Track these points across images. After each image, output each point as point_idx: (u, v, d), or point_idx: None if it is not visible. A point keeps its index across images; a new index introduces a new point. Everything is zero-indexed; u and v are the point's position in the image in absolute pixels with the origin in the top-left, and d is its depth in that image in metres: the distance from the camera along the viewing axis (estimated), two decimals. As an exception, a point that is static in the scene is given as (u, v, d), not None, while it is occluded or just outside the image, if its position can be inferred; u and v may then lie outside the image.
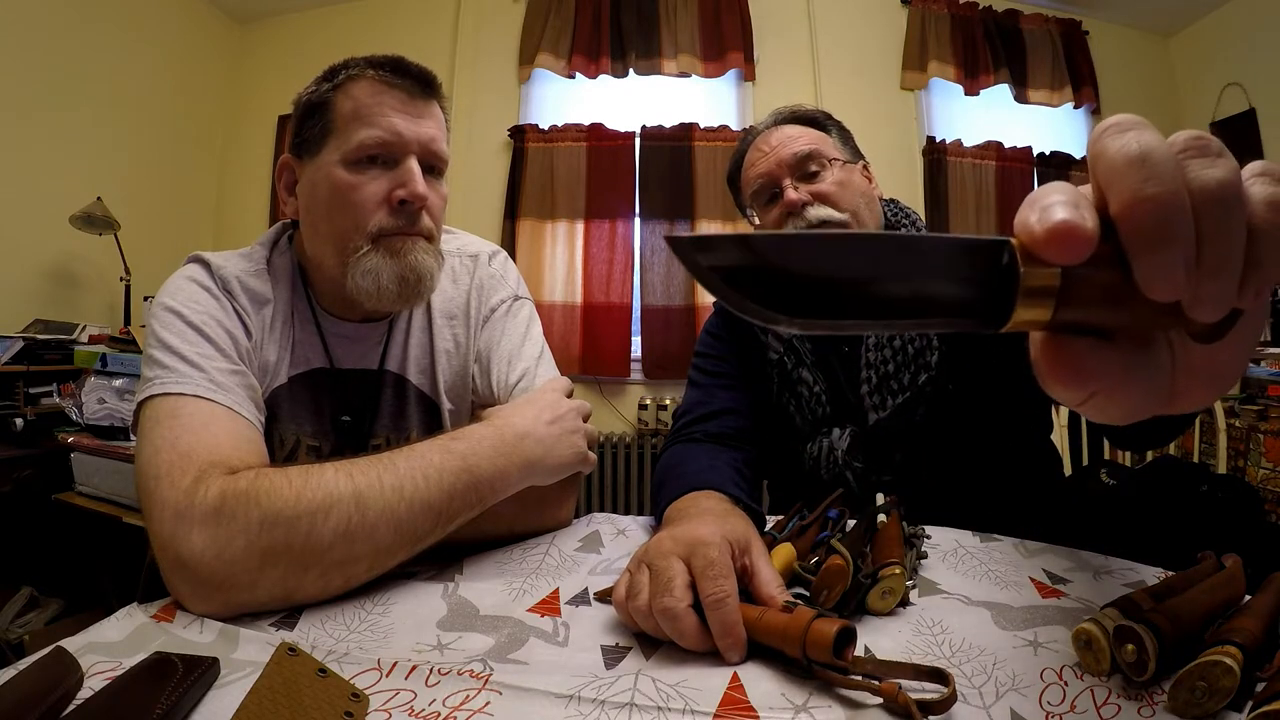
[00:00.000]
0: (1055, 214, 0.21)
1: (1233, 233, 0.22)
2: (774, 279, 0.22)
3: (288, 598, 0.52)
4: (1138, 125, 0.23)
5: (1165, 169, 0.21)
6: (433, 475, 0.57)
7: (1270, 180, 0.23)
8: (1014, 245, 0.22)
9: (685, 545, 0.48)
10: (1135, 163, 0.22)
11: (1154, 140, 0.22)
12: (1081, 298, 0.22)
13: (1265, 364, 1.95)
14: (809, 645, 0.39)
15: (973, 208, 2.87)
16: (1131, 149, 0.22)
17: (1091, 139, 0.24)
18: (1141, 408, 0.25)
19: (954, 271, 0.22)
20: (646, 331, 2.75)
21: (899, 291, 0.22)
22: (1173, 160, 0.22)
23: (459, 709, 0.38)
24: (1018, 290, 0.22)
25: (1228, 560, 0.48)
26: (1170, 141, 0.23)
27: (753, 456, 0.84)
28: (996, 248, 0.22)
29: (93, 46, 2.46)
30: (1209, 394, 0.25)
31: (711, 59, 2.84)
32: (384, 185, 0.69)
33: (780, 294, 0.22)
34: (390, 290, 0.70)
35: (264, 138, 3.04)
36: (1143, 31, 3.12)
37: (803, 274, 0.22)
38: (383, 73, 0.69)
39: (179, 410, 0.59)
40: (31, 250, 2.30)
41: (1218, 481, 0.81)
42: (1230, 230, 0.21)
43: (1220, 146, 0.23)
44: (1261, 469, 1.80)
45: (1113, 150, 0.22)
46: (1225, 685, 0.34)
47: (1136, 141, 0.22)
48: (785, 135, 0.89)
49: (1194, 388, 0.25)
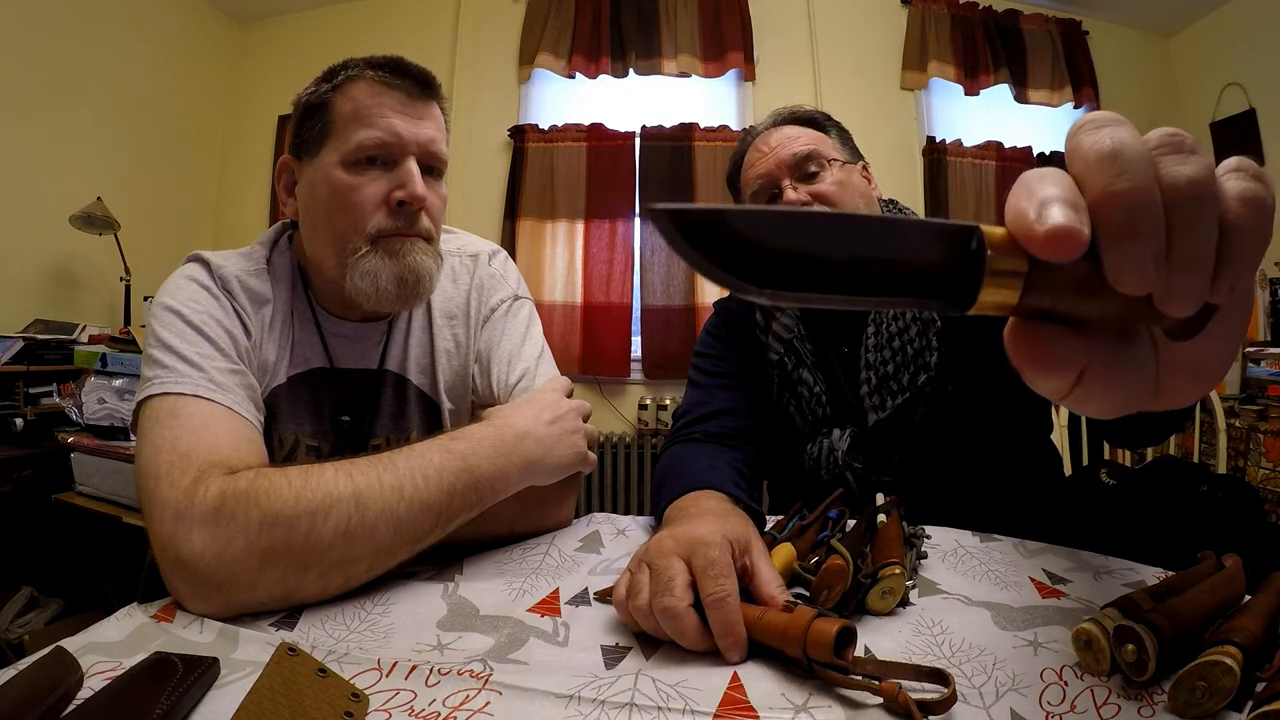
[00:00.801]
0: (1054, 216, 0.21)
1: (1203, 228, 0.22)
2: (747, 251, 0.22)
3: (288, 598, 0.52)
4: (1113, 122, 0.23)
5: (1137, 165, 0.22)
6: (432, 475, 0.57)
7: (1244, 175, 0.23)
8: (982, 232, 0.23)
9: (686, 545, 0.48)
10: (1107, 158, 0.22)
11: (1128, 136, 0.22)
12: (1049, 285, 0.23)
13: (1265, 364, 1.95)
14: (809, 644, 0.39)
15: (973, 208, 2.86)
16: (1104, 145, 0.22)
17: (1069, 135, 0.24)
18: (1126, 402, 0.25)
19: (923, 251, 0.23)
20: (646, 331, 2.75)
21: (868, 269, 0.23)
22: (1145, 156, 0.22)
23: (459, 709, 0.38)
24: (984, 272, 0.22)
25: (1228, 560, 0.48)
26: (1145, 139, 0.23)
27: (753, 456, 0.85)
28: (965, 232, 0.23)
29: (93, 46, 2.46)
30: (1194, 391, 0.25)
31: (711, 59, 2.84)
32: (383, 186, 0.69)
33: (753, 265, 0.23)
34: (389, 291, 0.70)
35: (264, 138, 3.04)
36: (1143, 31, 3.12)
37: (774, 249, 0.22)
38: (382, 73, 0.69)
39: (179, 410, 0.59)
40: (31, 250, 2.30)
41: (1218, 481, 0.81)
42: (1200, 225, 0.22)
43: (1194, 144, 0.23)
44: (1261, 469, 1.80)
45: (1086, 145, 0.23)
46: (1225, 685, 0.34)
47: (1110, 138, 0.22)
48: (784, 136, 0.89)
49: (1178, 384, 0.25)
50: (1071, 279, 0.23)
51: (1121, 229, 0.22)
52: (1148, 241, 0.21)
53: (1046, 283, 0.23)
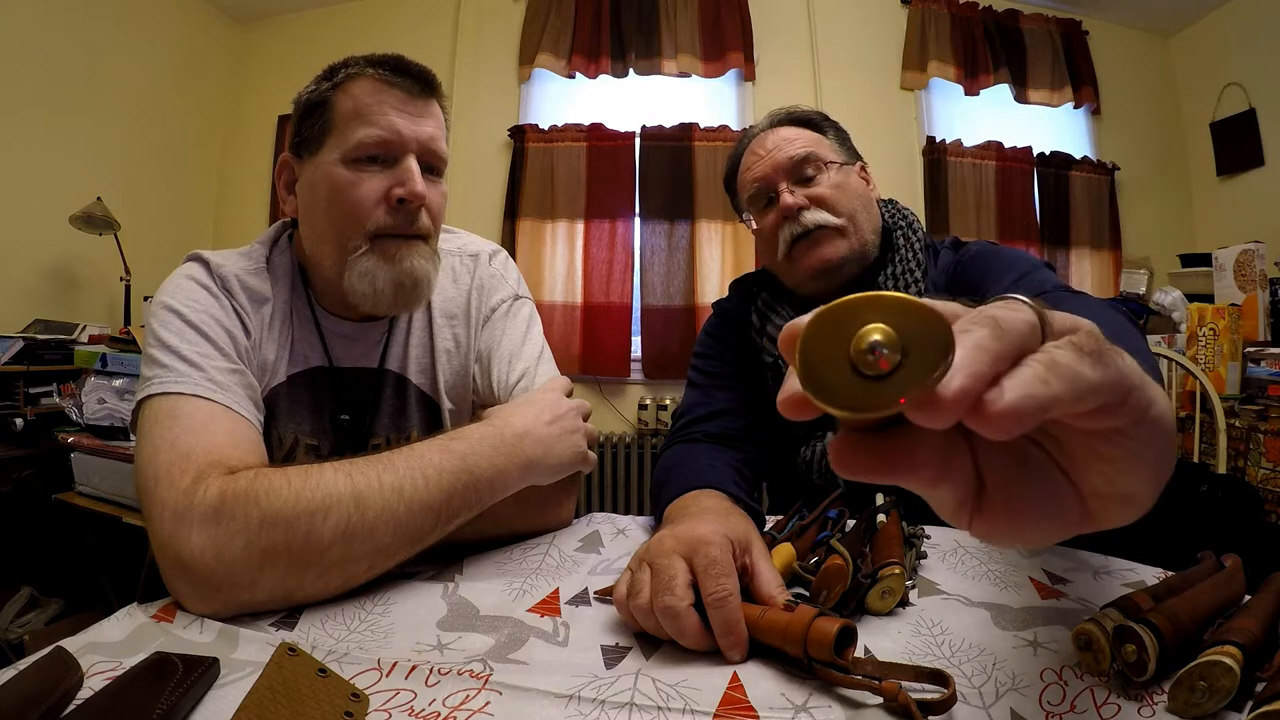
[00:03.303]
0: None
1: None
2: None
3: (287, 598, 0.52)
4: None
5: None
6: (432, 475, 0.57)
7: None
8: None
9: (687, 544, 0.48)
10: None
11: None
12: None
13: (1265, 364, 1.95)
14: (810, 644, 0.39)
15: (972, 208, 2.86)
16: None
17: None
18: (1051, 527, 0.25)
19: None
20: (646, 331, 2.74)
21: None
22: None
23: (459, 709, 0.38)
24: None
25: (1228, 560, 0.48)
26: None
27: (752, 456, 0.84)
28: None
29: (93, 46, 2.46)
30: (1124, 514, 0.25)
31: (711, 59, 2.83)
32: (382, 184, 0.69)
33: None
34: (386, 295, 0.70)
35: (264, 138, 3.04)
36: (1143, 31, 3.12)
37: None
38: (382, 71, 0.69)
39: (178, 410, 0.59)
40: (31, 250, 2.30)
41: (1218, 481, 0.81)
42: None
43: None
44: (1261, 469, 1.80)
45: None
46: (1225, 685, 0.34)
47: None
48: (781, 138, 0.88)
49: (1107, 508, 0.25)
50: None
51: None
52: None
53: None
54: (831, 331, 0.21)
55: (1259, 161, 2.70)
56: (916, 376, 0.19)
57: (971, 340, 0.20)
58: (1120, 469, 0.24)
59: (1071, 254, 2.94)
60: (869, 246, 0.87)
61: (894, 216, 0.93)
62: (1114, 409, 0.22)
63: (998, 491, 0.24)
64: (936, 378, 0.19)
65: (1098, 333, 0.23)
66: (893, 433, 0.22)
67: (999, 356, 0.21)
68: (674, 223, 2.76)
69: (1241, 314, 2.06)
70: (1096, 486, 0.25)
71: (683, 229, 2.76)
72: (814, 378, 0.21)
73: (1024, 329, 0.22)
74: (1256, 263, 2.17)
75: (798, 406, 0.22)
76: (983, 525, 0.24)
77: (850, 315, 0.21)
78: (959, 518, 0.24)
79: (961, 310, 0.23)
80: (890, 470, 0.22)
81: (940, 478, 0.23)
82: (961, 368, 0.20)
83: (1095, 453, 0.24)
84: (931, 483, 0.23)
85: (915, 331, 0.20)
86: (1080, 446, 0.24)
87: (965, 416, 0.20)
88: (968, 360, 0.20)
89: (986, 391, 0.20)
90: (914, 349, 0.20)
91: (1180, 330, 2.34)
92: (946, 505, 0.24)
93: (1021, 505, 0.24)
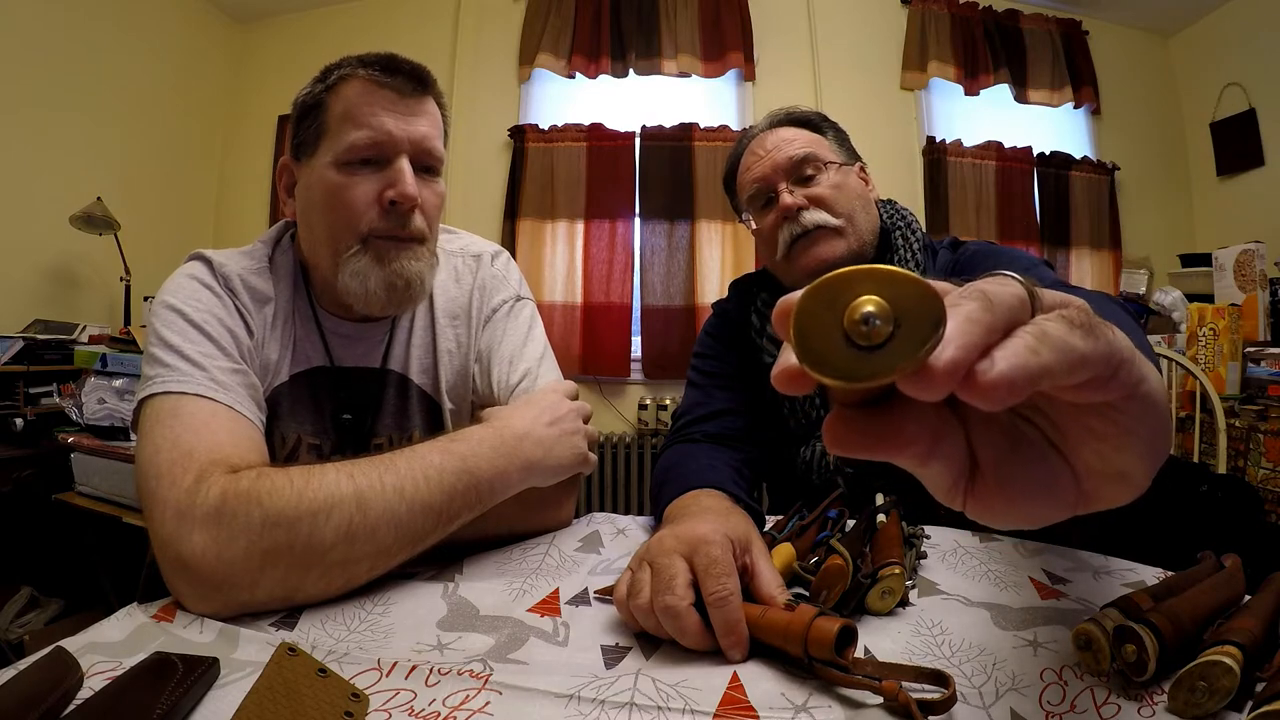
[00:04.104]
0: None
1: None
2: None
3: (288, 598, 0.52)
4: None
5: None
6: (433, 476, 0.57)
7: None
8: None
9: (687, 543, 0.48)
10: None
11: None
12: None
13: (1265, 364, 1.95)
14: (811, 643, 0.39)
15: (972, 208, 2.87)
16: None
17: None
18: (1045, 507, 0.25)
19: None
20: (646, 331, 2.75)
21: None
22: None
23: (459, 709, 0.38)
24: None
25: (1228, 560, 0.48)
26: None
27: (752, 456, 0.84)
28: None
29: (93, 46, 2.46)
30: (1119, 493, 0.25)
31: (711, 59, 2.83)
32: (375, 186, 0.69)
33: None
34: (378, 295, 0.70)
35: (264, 138, 3.04)
36: (1142, 31, 3.12)
37: None
38: (373, 72, 0.69)
39: (180, 409, 0.59)
40: (31, 250, 2.30)
41: (1218, 481, 0.81)
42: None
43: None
44: (1261, 469, 1.80)
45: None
46: (1225, 685, 0.34)
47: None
48: (780, 138, 0.88)
49: (1102, 488, 0.25)
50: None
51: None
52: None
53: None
54: (826, 303, 0.21)
55: (1259, 161, 2.70)
56: (909, 348, 0.20)
57: (962, 313, 0.21)
58: (1114, 446, 0.24)
59: (1071, 254, 2.94)
60: (867, 247, 0.87)
61: (892, 217, 0.93)
62: (1105, 382, 0.22)
63: (991, 470, 0.24)
64: (929, 349, 0.19)
65: (1087, 308, 0.23)
66: (884, 408, 0.22)
67: (990, 328, 0.21)
68: (674, 223, 2.76)
69: (1241, 314, 2.06)
70: (1091, 464, 0.25)
71: (683, 229, 2.76)
72: (808, 349, 0.21)
73: (1014, 302, 0.22)
74: (1256, 263, 2.17)
75: (792, 379, 0.22)
76: (977, 504, 0.24)
77: (844, 287, 0.21)
78: (953, 497, 0.24)
79: (952, 288, 0.23)
80: (881, 445, 0.22)
81: (931, 454, 0.23)
82: (953, 339, 0.20)
83: (1088, 429, 0.24)
84: (922, 459, 0.23)
85: (908, 304, 0.20)
86: (1073, 423, 0.24)
87: (957, 388, 0.20)
88: (959, 331, 0.20)
89: (978, 362, 0.20)
90: (907, 321, 0.20)
91: (1180, 330, 2.35)
92: (940, 484, 0.24)
93: (1016, 484, 0.24)
